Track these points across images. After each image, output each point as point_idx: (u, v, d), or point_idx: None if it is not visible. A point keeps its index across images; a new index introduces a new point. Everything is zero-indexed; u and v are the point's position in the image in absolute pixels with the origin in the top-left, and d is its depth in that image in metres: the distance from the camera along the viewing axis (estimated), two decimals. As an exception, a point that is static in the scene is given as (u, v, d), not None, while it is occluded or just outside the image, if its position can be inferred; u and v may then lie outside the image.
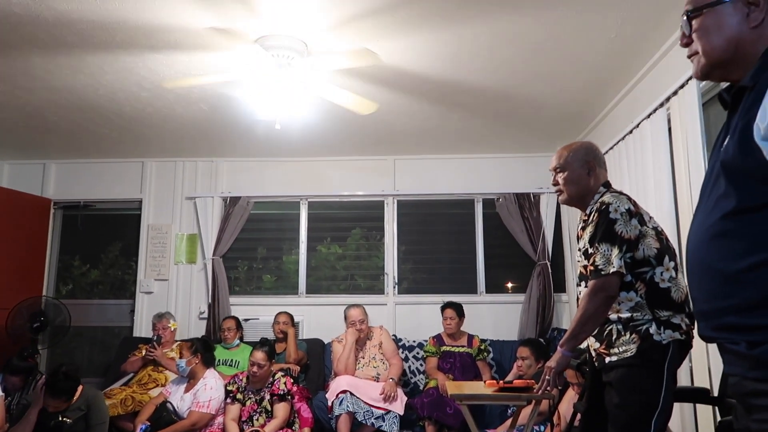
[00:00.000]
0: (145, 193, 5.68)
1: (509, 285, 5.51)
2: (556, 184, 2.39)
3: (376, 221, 5.62)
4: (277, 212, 5.75)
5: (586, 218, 2.26)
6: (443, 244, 5.60)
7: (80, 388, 3.52)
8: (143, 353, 4.69)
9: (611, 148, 4.05)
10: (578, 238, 2.33)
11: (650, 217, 2.21)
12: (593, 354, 2.22)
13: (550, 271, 5.20)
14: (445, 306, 4.78)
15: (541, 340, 4.74)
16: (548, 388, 2.21)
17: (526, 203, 5.35)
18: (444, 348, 4.72)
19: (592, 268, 2.11)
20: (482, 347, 4.70)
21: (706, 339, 1.25)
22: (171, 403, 4.06)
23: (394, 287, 5.46)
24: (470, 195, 5.56)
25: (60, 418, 3.34)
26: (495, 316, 5.31)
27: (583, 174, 2.31)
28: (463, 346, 4.70)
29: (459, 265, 5.55)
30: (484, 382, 2.51)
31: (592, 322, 2.11)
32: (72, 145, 5.26)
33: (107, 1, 2.84)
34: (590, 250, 2.15)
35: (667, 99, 3.19)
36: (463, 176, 5.55)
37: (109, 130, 4.84)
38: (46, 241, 5.63)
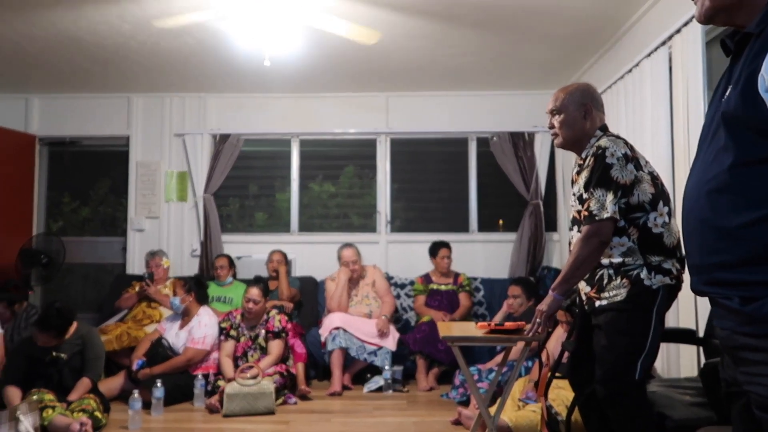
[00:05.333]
0: (132, 129, 5.56)
1: (501, 223, 5.53)
2: (551, 127, 2.34)
3: (369, 159, 5.56)
4: (268, 149, 5.67)
5: (582, 162, 2.23)
6: (436, 182, 5.57)
7: (75, 324, 3.55)
8: (137, 290, 4.73)
9: (609, 87, 3.96)
10: (573, 183, 2.31)
11: (646, 162, 2.18)
12: (583, 297, 2.25)
13: (542, 210, 5.21)
14: (441, 245, 4.81)
15: (531, 278, 4.81)
16: (539, 331, 2.24)
17: (521, 142, 5.30)
18: (431, 286, 4.78)
19: (586, 213, 2.10)
20: (465, 283, 4.77)
21: (699, 293, 1.25)
22: (166, 340, 4.13)
23: (387, 226, 5.47)
24: (464, 133, 5.49)
25: (54, 354, 3.38)
26: (487, 254, 5.36)
27: (579, 117, 2.26)
28: (449, 284, 4.78)
29: (451, 203, 5.55)
30: (475, 323, 2.55)
31: (585, 266, 2.12)
32: (54, 78, 5.08)
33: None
34: (585, 195, 2.13)
35: (670, 37, 3.09)
36: (457, 114, 5.46)
37: (91, 64, 4.68)
38: (33, 178, 5.53)
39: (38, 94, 5.57)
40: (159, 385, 3.67)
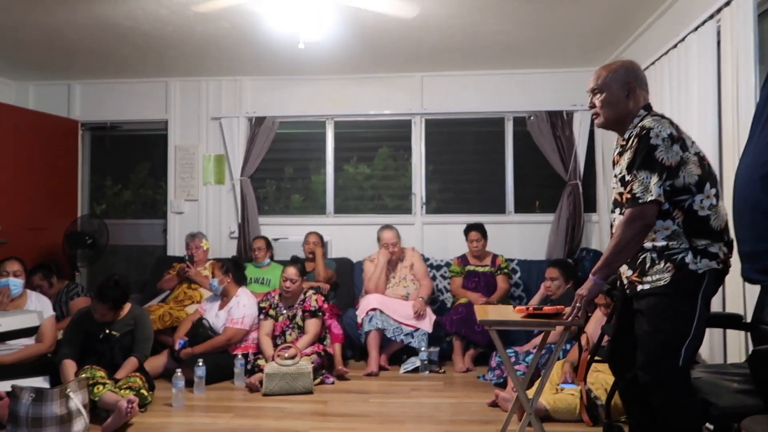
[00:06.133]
0: (170, 113, 5.65)
1: (537, 205, 5.45)
2: (592, 106, 2.27)
3: (404, 140, 5.53)
4: (303, 131, 5.69)
5: (624, 143, 2.17)
6: (471, 163, 5.52)
7: (128, 305, 3.69)
8: (177, 271, 4.84)
9: (652, 64, 3.82)
10: (614, 164, 2.25)
11: (692, 142, 2.10)
12: (625, 281, 2.20)
13: (581, 191, 5.11)
14: (469, 228, 4.78)
15: (570, 260, 4.74)
16: (578, 315, 2.21)
17: (559, 122, 5.18)
18: (468, 268, 4.76)
19: (629, 196, 2.05)
20: (503, 266, 4.73)
21: (750, 280, 1.22)
22: (206, 320, 4.23)
23: (422, 207, 5.45)
24: (500, 113, 5.40)
25: (108, 332, 3.52)
26: (523, 236, 5.30)
27: (622, 96, 2.18)
28: (487, 266, 4.74)
29: (487, 184, 5.49)
30: (513, 307, 2.52)
31: (627, 251, 2.07)
32: (95, 65, 5.19)
33: None
34: (627, 177, 2.07)
35: (718, 10, 2.95)
36: (493, 94, 5.37)
37: (129, 50, 4.75)
38: (76, 163, 5.70)
39: (80, 81, 5.70)
40: (200, 364, 3.77)
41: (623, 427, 2.54)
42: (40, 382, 3.26)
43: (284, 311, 4.23)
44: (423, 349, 4.25)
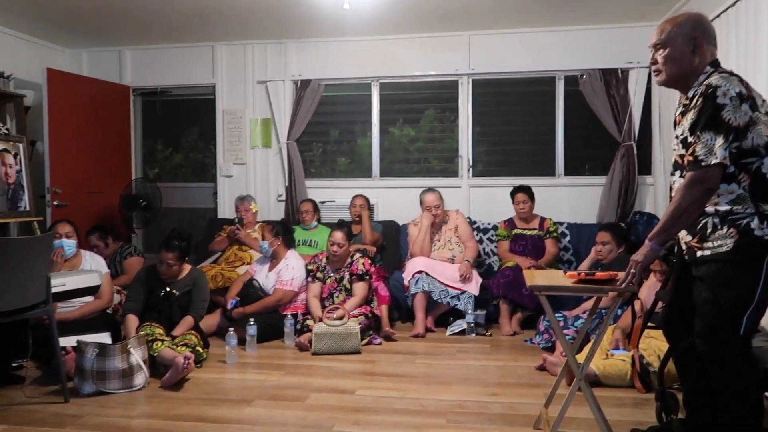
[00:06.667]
0: (217, 77, 5.70)
1: (587, 168, 5.29)
2: (654, 62, 2.15)
3: (450, 102, 5.43)
4: (348, 94, 5.65)
5: (688, 102, 2.06)
6: (520, 125, 5.38)
7: (188, 266, 3.85)
8: (228, 234, 4.96)
9: (717, 17, 3.59)
10: (675, 124, 2.15)
11: (763, 101, 1.98)
12: (683, 247, 2.12)
13: (635, 152, 4.93)
14: (516, 190, 4.70)
15: (622, 224, 4.61)
16: (632, 282, 2.15)
17: (613, 80, 4.97)
18: (515, 231, 4.70)
19: (690, 158, 1.95)
20: (552, 229, 4.64)
21: None
22: (257, 281, 4.33)
23: (469, 170, 5.38)
24: (551, 72, 5.22)
25: (168, 289, 3.67)
26: (573, 198, 5.18)
27: (687, 51, 2.05)
28: (534, 229, 4.67)
29: (536, 146, 5.36)
30: (564, 272, 2.48)
31: (687, 215, 1.98)
32: (144, 30, 5.26)
33: None
34: (690, 139, 1.97)
35: (795, -45, 2.74)
36: (543, 52, 5.18)
37: (177, 15, 4.79)
38: (129, 127, 5.85)
39: (130, 47, 5.80)
40: (252, 323, 3.88)
41: (677, 395, 2.49)
42: (103, 337, 3.42)
43: (331, 274, 4.29)
44: (469, 311, 4.25)
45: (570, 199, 5.18)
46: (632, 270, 2.13)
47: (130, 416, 2.80)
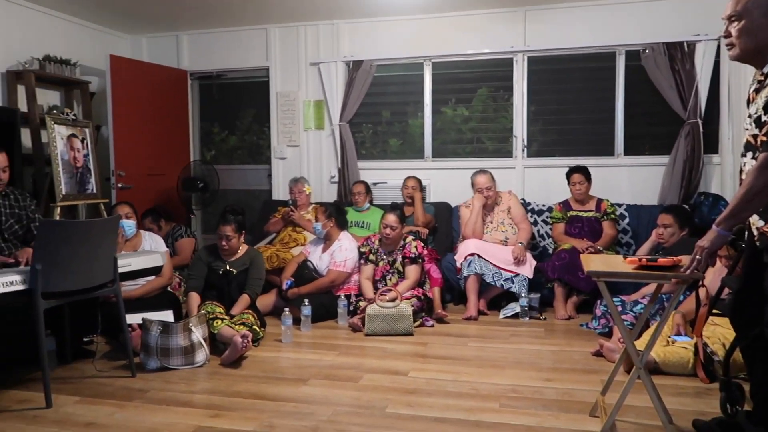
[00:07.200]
0: (271, 60, 5.75)
1: (647, 149, 5.08)
2: (728, 35, 2.03)
3: (504, 80, 5.31)
4: (400, 74, 5.61)
5: (763, 78, 1.94)
6: (577, 103, 5.20)
7: (246, 246, 3.95)
8: (282, 215, 5.05)
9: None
10: (749, 102, 2.02)
11: None
12: (754, 232, 2.01)
13: (701, 130, 4.69)
14: (572, 171, 4.57)
15: (686, 206, 4.42)
16: (698, 268, 2.06)
17: (678, 54, 4.73)
18: (571, 213, 4.58)
19: (764, 138, 1.84)
20: (609, 210, 4.50)
21: None
22: (311, 262, 4.40)
23: (523, 150, 5.26)
24: (611, 47, 5.01)
25: (227, 268, 3.78)
26: (633, 179, 4.99)
27: (764, 24, 1.92)
28: (590, 211, 4.54)
29: (594, 125, 5.18)
30: (624, 257, 2.39)
31: (758, 200, 1.88)
32: (199, 15, 5.36)
33: None
34: (764, 118, 1.86)
35: None
36: (603, 26, 4.97)
37: (231, -2, 4.85)
38: (187, 111, 6.01)
39: (186, 32, 5.92)
40: (306, 303, 3.95)
41: (743, 385, 2.39)
42: (167, 315, 3.56)
43: (384, 256, 4.31)
44: (523, 294, 4.19)
45: (630, 179, 5.00)
46: (698, 256, 2.04)
47: (193, 392, 2.92)
